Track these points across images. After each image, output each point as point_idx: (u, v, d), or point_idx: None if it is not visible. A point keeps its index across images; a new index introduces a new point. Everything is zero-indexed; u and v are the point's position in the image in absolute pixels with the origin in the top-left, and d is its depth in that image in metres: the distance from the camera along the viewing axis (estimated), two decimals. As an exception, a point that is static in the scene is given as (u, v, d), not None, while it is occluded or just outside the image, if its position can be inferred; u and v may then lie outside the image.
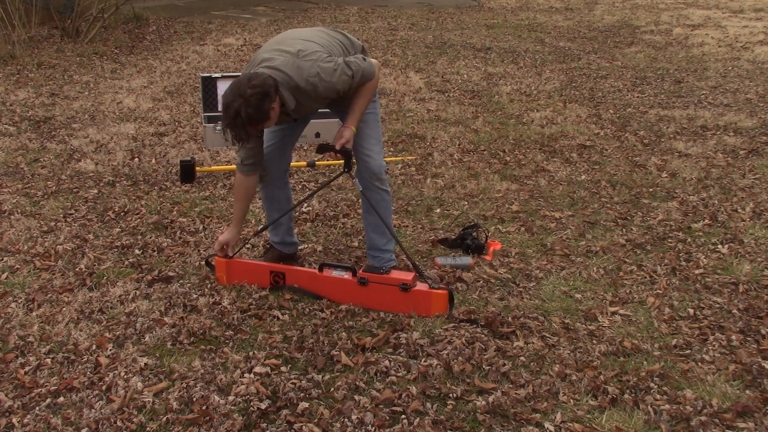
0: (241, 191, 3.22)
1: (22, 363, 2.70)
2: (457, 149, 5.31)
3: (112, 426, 2.37)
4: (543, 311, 3.12)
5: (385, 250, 3.39)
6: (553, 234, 3.92)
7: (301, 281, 3.22)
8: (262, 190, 3.43)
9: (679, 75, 7.80)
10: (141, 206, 4.21)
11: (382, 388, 2.57)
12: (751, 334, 2.94)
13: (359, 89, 3.05)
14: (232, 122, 2.83)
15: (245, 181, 3.19)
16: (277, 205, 3.43)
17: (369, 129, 3.21)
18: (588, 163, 5.08)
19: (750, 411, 2.46)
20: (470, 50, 9.03)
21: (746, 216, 4.13)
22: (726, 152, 5.28)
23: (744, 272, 3.45)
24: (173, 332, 2.91)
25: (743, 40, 9.65)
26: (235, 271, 3.29)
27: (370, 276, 3.08)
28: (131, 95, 6.65)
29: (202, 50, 8.70)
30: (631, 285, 3.36)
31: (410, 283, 3.03)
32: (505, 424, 2.41)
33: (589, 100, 6.82)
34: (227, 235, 3.26)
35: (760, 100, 6.72)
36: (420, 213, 4.19)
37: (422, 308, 3.03)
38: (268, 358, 2.75)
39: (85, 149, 5.20)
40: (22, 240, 3.74)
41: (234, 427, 2.36)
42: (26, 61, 7.82)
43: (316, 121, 4.80)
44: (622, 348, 2.83)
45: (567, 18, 11.87)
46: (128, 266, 3.48)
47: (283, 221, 3.44)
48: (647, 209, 4.26)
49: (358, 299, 3.10)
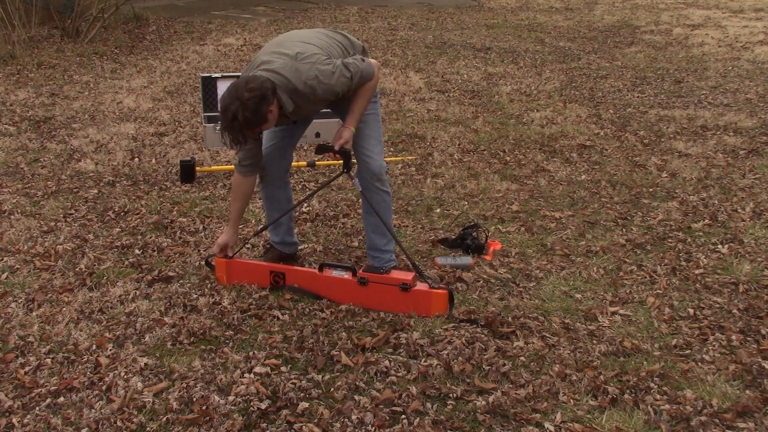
0: (238, 192, 3.22)
1: (22, 363, 2.70)
2: (457, 149, 5.32)
3: (112, 426, 2.37)
4: (543, 311, 3.12)
5: (385, 251, 3.39)
6: (553, 234, 3.92)
7: (301, 281, 3.22)
8: (263, 190, 3.43)
9: (679, 75, 7.80)
10: (141, 206, 4.21)
11: (382, 388, 2.57)
12: (751, 334, 2.94)
13: (358, 90, 3.05)
14: (229, 125, 2.83)
15: (243, 181, 3.19)
16: (277, 205, 3.43)
17: (369, 129, 3.21)
18: (588, 163, 5.08)
19: (750, 411, 2.46)
20: (470, 50, 9.03)
21: (746, 216, 4.13)
22: (726, 152, 5.28)
23: (744, 272, 3.45)
24: (173, 332, 2.91)
25: (743, 40, 9.65)
26: (236, 271, 3.29)
27: (370, 276, 3.08)
28: (131, 95, 6.65)
29: (202, 50, 8.70)
30: (631, 285, 3.36)
31: (410, 283, 3.03)
32: (505, 424, 2.41)
33: (589, 100, 6.82)
34: (225, 236, 3.26)
35: (760, 100, 6.72)
36: (420, 213, 4.19)
37: (422, 308, 3.03)
38: (268, 358, 2.75)
39: (85, 149, 5.20)
40: (22, 240, 3.74)
41: (234, 427, 2.36)
42: (26, 61, 7.82)
43: (316, 121, 4.79)
44: (622, 348, 2.83)
45: (567, 18, 11.87)
46: (128, 266, 3.48)
47: (283, 221, 3.44)
48: (647, 209, 4.26)
49: (358, 299, 3.10)
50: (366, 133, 3.20)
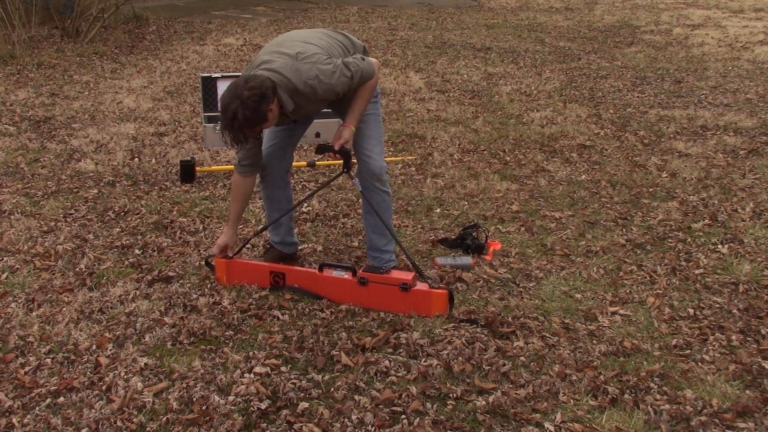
0: (238, 192, 3.22)
1: (22, 363, 2.70)
2: (457, 149, 5.32)
3: (112, 426, 2.37)
4: (543, 311, 3.12)
5: (385, 251, 3.39)
6: (553, 234, 3.92)
7: (301, 281, 3.22)
8: (263, 190, 3.43)
9: (679, 75, 7.80)
10: (141, 206, 4.21)
11: (382, 388, 2.57)
12: (751, 334, 2.94)
13: (359, 89, 3.05)
14: (229, 124, 2.83)
15: (243, 182, 3.19)
16: (277, 205, 3.43)
17: (369, 130, 3.21)
18: (588, 163, 5.08)
19: (750, 411, 2.46)
20: (470, 50, 9.04)
21: (746, 216, 4.13)
22: (726, 152, 5.28)
23: (744, 272, 3.45)
24: (173, 332, 2.91)
25: (743, 40, 9.65)
26: (235, 272, 3.29)
27: (370, 276, 3.08)
28: (131, 95, 6.65)
29: (202, 50, 8.70)
30: (631, 285, 3.36)
31: (410, 282, 3.03)
32: (505, 424, 2.41)
33: (589, 100, 6.82)
34: (225, 237, 3.26)
35: (760, 100, 6.72)
36: (420, 213, 4.19)
37: (422, 308, 3.03)
38: (268, 358, 2.75)
39: (85, 149, 5.20)
40: (22, 240, 3.74)
41: (234, 427, 2.36)
42: (26, 61, 7.82)
43: (317, 121, 4.79)
44: (622, 348, 2.83)
45: (567, 18, 11.87)
46: (128, 266, 3.48)
47: (283, 221, 3.44)
48: (647, 209, 4.26)
49: (358, 299, 3.10)
50: (366, 133, 3.19)
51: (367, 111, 3.15)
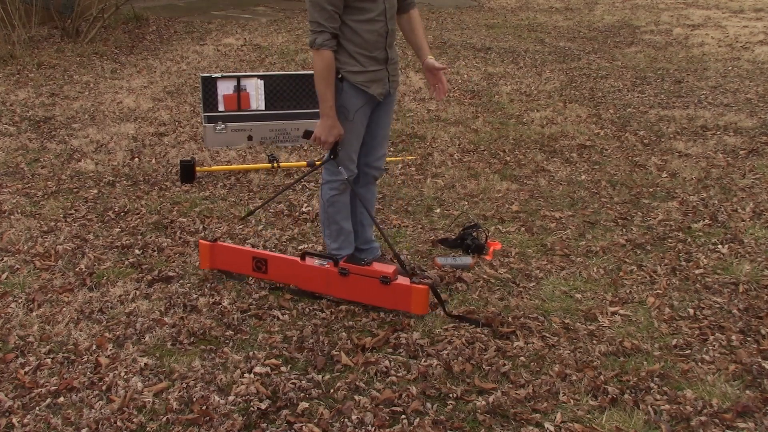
0: (330, 70, 2.92)
1: (22, 363, 2.70)
2: (457, 149, 5.32)
3: (112, 426, 2.37)
4: (543, 311, 3.12)
5: (373, 240, 3.44)
6: (553, 234, 3.92)
7: (282, 269, 3.18)
8: (341, 196, 3.20)
9: (679, 75, 7.80)
10: (141, 206, 4.21)
11: (382, 388, 2.58)
12: (751, 334, 2.94)
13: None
14: None
15: (331, 56, 2.92)
16: (353, 209, 3.30)
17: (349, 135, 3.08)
18: (588, 163, 5.08)
19: (750, 411, 2.46)
20: (470, 50, 9.04)
21: (746, 216, 4.13)
22: (726, 152, 5.29)
23: (744, 272, 3.45)
24: (173, 332, 2.91)
25: (743, 40, 9.65)
26: (219, 256, 3.27)
27: (351, 267, 3.04)
28: (131, 95, 6.65)
29: (202, 50, 8.70)
30: (631, 285, 3.36)
31: (391, 276, 2.97)
32: (505, 424, 2.42)
33: (589, 100, 6.82)
34: (336, 130, 2.97)
35: (760, 100, 6.72)
36: (420, 213, 4.19)
37: (402, 303, 2.98)
38: (268, 358, 2.75)
39: (85, 149, 5.20)
40: (22, 240, 3.74)
41: (234, 427, 2.36)
42: (26, 61, 7.82)
43: (309, 121, 4.80)
44: (622, 348, 2.83)
45: (567, 18, 11.87)
46: (128, 266, 3.48)
47: (356, 228, 3.32)
48: (647, 209, 4.26)
49: (338, 291, 3.07)
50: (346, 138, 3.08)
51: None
